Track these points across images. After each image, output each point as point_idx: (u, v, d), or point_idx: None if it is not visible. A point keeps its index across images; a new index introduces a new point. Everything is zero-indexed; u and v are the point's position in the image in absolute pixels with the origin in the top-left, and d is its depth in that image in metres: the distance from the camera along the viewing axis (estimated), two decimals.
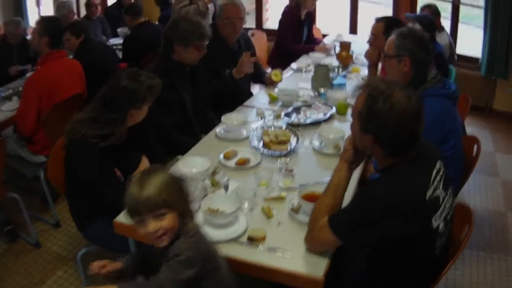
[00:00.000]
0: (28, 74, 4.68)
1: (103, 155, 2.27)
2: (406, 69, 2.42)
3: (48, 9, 8.57)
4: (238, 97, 3.52)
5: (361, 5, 6.34)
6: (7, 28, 5.11)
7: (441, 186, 1.74)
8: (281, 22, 4.80)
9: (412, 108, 1.67)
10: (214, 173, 2.34)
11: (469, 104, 3.28)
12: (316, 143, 2.68)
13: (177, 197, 1.64)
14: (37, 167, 3.56)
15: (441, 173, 1.77)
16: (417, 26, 3.88)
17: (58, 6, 5.77)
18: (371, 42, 3.21)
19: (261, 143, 2.67)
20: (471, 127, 5.01)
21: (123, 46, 4.92)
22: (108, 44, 5.64)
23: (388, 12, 6.10)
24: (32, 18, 8.42)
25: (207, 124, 3.10)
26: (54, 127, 3.44)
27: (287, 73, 4.07)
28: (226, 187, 2.29)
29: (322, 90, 3.34)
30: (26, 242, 3.40)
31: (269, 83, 3.72)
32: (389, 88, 1.69)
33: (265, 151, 2.59)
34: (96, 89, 3.97)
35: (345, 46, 4.18)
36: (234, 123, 2.89)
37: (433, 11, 4.51)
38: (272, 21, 7.37)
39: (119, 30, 5.90)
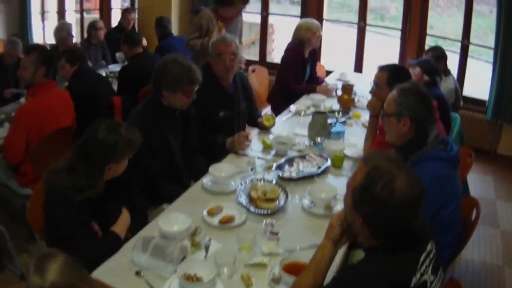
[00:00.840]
0: (22, 99, 4.63)
1: (79, 209, 2.20)
2: (406, 129, 2.34)
3: (52, 25, 8.54)
4: None
5: (369, 36, 6.26)
6: (5, 48, 5.12)
7: (429, 271, 1.64)
8: (283, 60, 4.73)
9: (413, 197, 1.57)
10: (194, 233, 2.23)
11: (472, 159, 3.20)
12: (306, 202, 2.58)
13: (80, 279, 1.55)
14: (24, 198, 3.49)
15: (431, 256, 1.66)
16: (417, 70, 3.82)
17: (57, 28, 5.72)
18: (373, 92, 3.11)
19: (248, 199, 2.58)
20: (473, 173, 4.88)
21: (119, 76, 4.78)
22: (106, 71, 5.57)
23: (396, 44, 6.03)
24: (37, 34, 8.45)
25: (197, 171, 3.01)
26: (42, 160, 3.38)
27: (285, 116, 3.97)
28: (206, 248, 2.20)
29: (318, 140, 3.24)
30: (12, 274, 3.34)
31: (261, 128, 3.63)
32: (392, 171, 1.58)
33: (252, 208, 2.49)
34: (86, 122, 3.91)
35: (347, 89, 4.09)
36: (222, 175, 2.78)
37: (438, 54, 4.43)
38: (278, 52, 7.33)
39: (117, 54, 5.79)
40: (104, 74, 5.48)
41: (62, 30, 5.54)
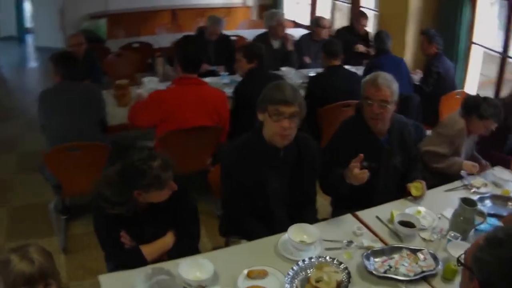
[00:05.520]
0: (222, 74, 4.99)
1: (110, 220, 2.45)
2: None
3: (306, 4, 8.94)
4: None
5: None
6: (207, 23, 5.64)
7: None
8: None
9: None
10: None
11: None
12: None
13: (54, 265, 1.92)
14: None
15: None
16: None
17: (266, 16, 5.96)
18: None
19: (304, 276, 2.33)
20: None
21: (308, 85, 4.76)
22: (318, 72, 5.49)
23: None
24: (289, 8, 9.01)
25: (303, 222, 2.75)
26: (173, 151, 3.57)
27: (450, 186, 3.37)
28: None
29: (452, 235, 2.68)
30: None
31: (409, 195, 3.16)
32: None
33: None
34: (244, 123, 4.05)
35: None
36: (297, 241, 2.55)
37: None
38: None
39: None
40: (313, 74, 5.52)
41: (272, 19, 5.75)
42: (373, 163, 3.09)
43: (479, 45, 5.88)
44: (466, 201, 2.77)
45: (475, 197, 3.09)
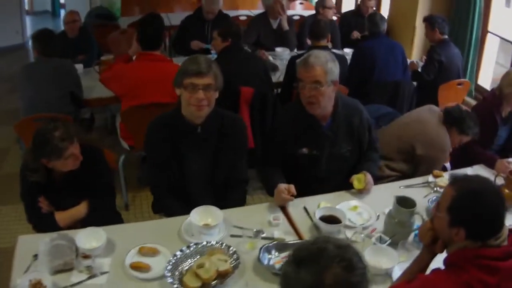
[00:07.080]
0: (213, 52, 4.86)
1: (30, 185, 2.62)
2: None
3: None
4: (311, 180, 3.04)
5: None
6: (202, 1, 5.58)
7: None
8: (473, 109, 3.75)
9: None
10: (86, 256, 2.25)
11: None
12: None
13: None
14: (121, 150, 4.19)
15: None
16: None
17: None
18: (433, 212, 2.10)
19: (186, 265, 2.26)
20: None
21: (286, 65, 4.66)
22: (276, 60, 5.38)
23: None
24: None
25: (227, 203, 2.73)
26: (134, 127, 3.86)
27: (407, 182, 3.12)
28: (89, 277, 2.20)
29: (377, 238, 2.47)
30: None
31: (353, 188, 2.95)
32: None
33: (167, 272, 2.15)
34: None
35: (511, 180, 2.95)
36: (200, 224, 2.48)
37: None
38: None
39: None
40: None
41: None
42: (314, 150, 2.96)
43: (494, 34, 5.49)
44: (402, 201, 2.51)
45: (433, 198, 2.87)
